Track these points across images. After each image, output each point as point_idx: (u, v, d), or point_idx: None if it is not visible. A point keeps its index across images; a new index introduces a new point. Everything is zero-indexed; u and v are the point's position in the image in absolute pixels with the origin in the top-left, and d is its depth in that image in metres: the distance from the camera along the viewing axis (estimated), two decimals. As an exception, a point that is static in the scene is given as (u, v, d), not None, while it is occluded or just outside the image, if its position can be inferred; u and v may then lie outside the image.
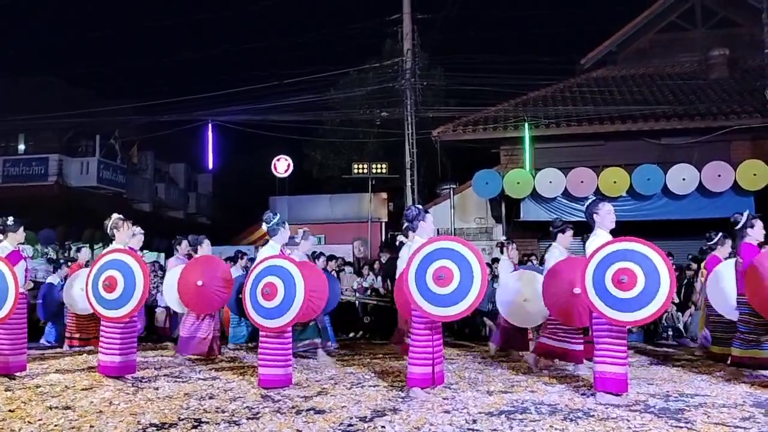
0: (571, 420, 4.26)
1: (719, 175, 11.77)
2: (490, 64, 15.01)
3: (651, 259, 4.71)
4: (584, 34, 24.26)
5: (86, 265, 9.43)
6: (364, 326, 10.90)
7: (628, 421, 4.22)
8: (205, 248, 7.82)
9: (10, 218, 6.24)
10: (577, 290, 5.30)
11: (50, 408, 4.67)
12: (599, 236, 5.13)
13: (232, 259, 9.96)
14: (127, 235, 6.25)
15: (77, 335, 8.63)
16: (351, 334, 11.01)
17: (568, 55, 17.35)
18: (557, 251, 6.54)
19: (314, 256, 10.96)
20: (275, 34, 36.69)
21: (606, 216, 5.21)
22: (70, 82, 21.93)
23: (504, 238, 13.31)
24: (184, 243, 8.31)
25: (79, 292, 7.98)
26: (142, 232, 7.74)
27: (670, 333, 9.68)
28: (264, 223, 5.95)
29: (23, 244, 7.30)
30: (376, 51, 19.15)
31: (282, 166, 18.44)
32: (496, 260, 10.08)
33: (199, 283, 7.03)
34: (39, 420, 4.32)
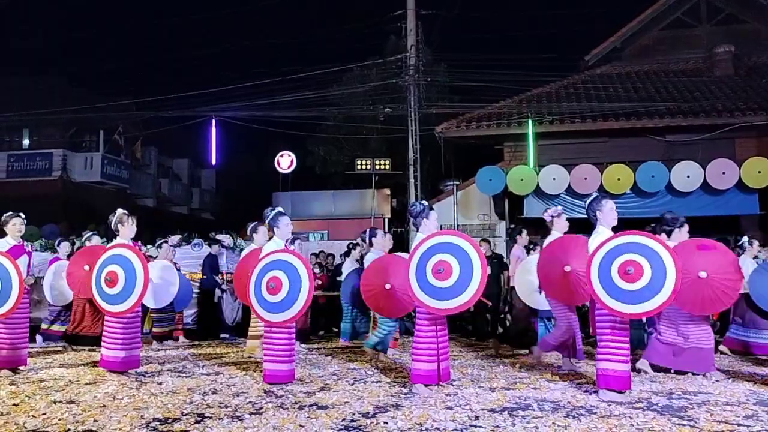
0: (574, 417, 4.26)
1: (724, 173, 11.74)
2: (494, 60, 15.00)
3: (657, 251, 4.70)
4: (589, 31, 24.24)
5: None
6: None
7: (631, 418, 4.21)
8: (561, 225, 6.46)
9: (9, 213, 6.26)
10: None
11: (54, 402, 4.69)
12: (601, 233, 5.12)
13: (346, 253, 9.98)
14: (131, 230, 6.24)
15: None
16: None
17: (572, 52, 17.35)
18: None
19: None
20: (279, 31, 36.67)
21: (609, 213, 5.20)
22: (74, 79, 22.02)
23: (505, 233, 13.31)
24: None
25: None
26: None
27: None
28: (265, 219, 5.97)
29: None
30: (380, 47, 19.14)
31: (285, 162, 18.45)
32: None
33: (567, 269, 5.82)
34: (43, 414, 4.33)
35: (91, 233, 8.77)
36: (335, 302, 10.35)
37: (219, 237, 10.32)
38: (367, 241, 7.33)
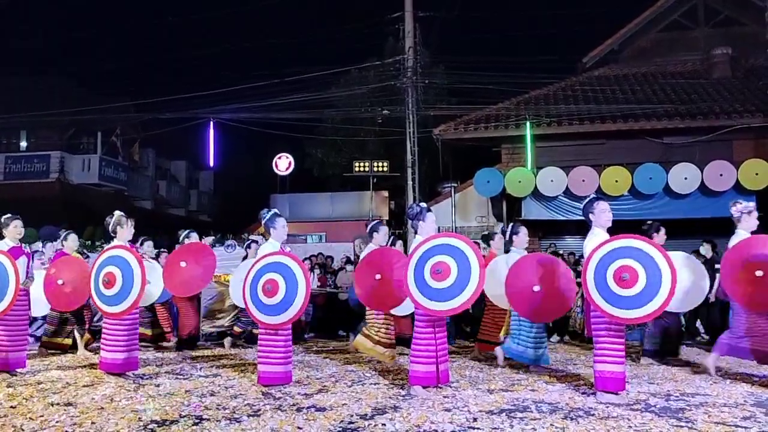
0: (572, 419, 4.26)
1: (721, 175, 11.77)
2: (491, 62, 15.01)
3: (652, 256, 4.72)
4: (586, 33, 24.25)
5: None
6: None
7: (629, 420, 4.22)
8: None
9: (8, 215, 6.26)
10: None
11: (52, 404, 4.68)
12: (597, 235, 5.13)
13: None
14: (129, 232, 6.24)
15: None
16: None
17: (570, 54, 17.38)
18: None
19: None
20: (277, 32, 36.68)
21: (601, 214, 5.20)
22: (71, 80, 21.95)
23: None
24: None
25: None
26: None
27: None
28: (261, 221, 5.96)
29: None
30: (378, 49, 19.17)
31: (283, 164, 18.48)
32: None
33: (759, 273, 5.39)
34: (40, 416, 4.32)
35: (188, 231, 8.39)
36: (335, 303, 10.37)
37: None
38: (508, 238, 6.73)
